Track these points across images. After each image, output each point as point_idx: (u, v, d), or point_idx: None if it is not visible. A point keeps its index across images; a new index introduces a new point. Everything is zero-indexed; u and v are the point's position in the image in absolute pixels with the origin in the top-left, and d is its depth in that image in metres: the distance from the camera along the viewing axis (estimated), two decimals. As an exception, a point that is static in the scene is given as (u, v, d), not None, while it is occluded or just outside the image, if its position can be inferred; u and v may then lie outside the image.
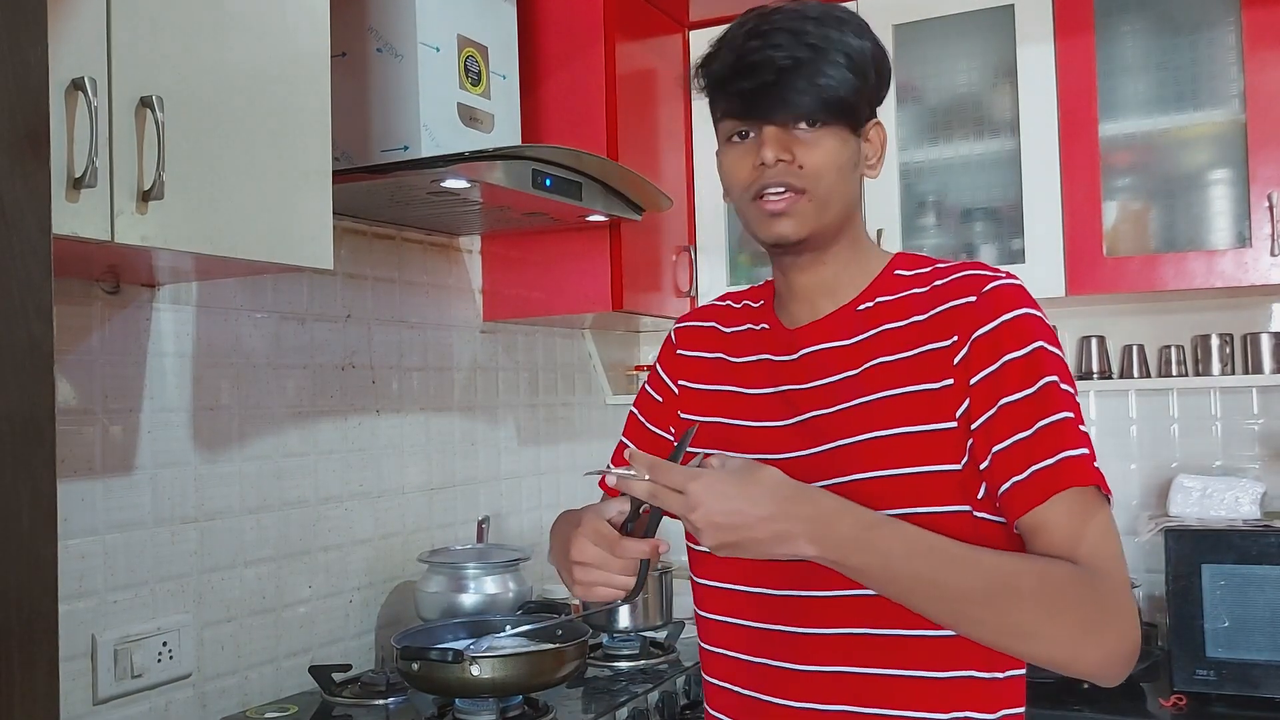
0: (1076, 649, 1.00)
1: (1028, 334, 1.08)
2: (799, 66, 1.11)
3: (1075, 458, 1.04)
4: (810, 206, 1.14)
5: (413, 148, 1.80)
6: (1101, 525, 1.04)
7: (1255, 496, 2.19)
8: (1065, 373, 1.09)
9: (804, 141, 1.12)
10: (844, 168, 1.14)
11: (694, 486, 1.00)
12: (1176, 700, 1.97)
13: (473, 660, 1.66)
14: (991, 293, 1.11)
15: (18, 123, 0.75)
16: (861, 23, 1.17)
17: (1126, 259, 2.22)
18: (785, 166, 1.13)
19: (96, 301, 1.59)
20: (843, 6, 1.18)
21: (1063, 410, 1.05)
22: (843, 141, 1.14)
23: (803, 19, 1.13)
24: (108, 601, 1.59)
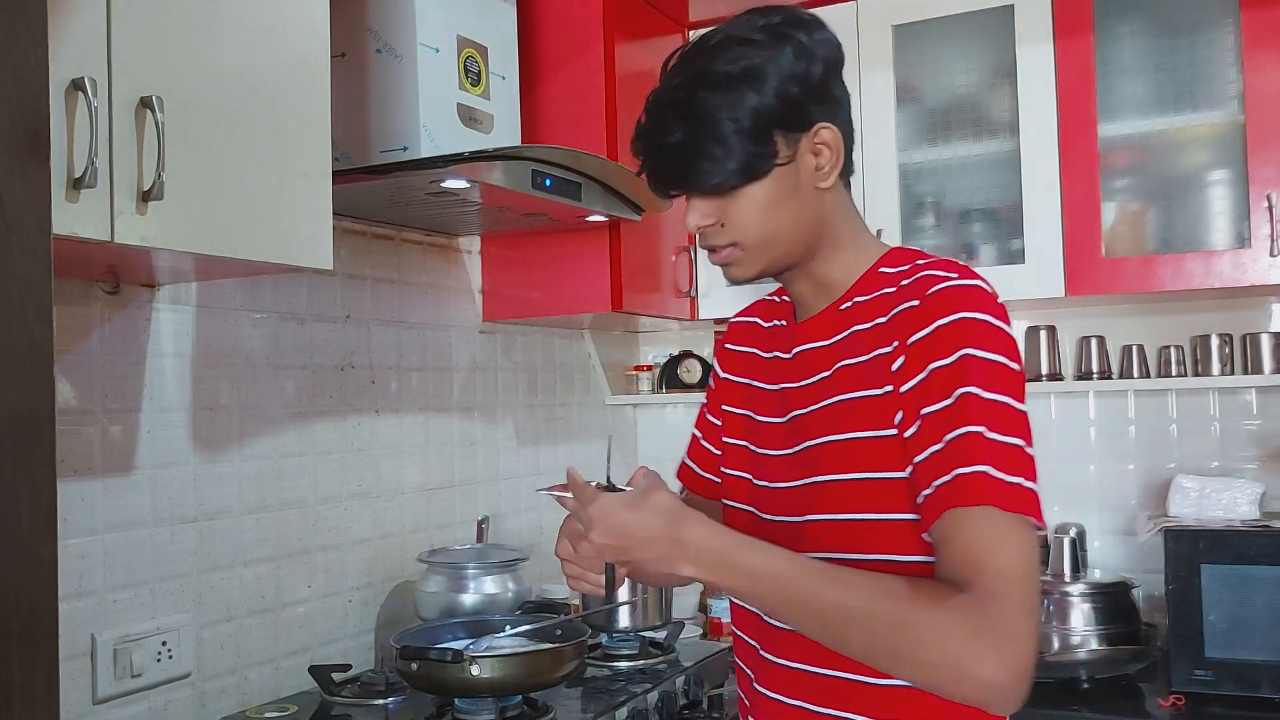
0: (948, 676, 0.96)
1: (957, 340, 1.04)
2: (682, 148, 1.11)
3: (973, 474, 0.99)
4: (748, 254, 1.15)
5: (412, 148, 1.80)
6: (995, 544, 0.98)
7: (1254, 497, 2.19)
8: (996, 380, 1.02)
9: (722, 200, 1.13)
10: (773, 206, 1.12)
11: (591, 510, 1.07)
12: (1175, 700, 1.97)
13: (472, 660, 1.66)
14: (934, 295, 1.07)
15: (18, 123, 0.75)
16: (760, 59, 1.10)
17: (1125, 259, 2.23)
18: (707, 230, 1.15)
19: (96, 302, 1.60)
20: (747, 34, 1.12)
21: (974, 423, 1.00)
22: (759, 186, 1.12)
23: (691, 84, 1.11)
24: (107, 601, 1.59)
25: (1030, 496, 0.99)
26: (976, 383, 1.01)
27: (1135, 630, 2.22)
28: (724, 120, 1.09)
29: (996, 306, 1.07)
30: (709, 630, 2.56)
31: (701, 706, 1.98)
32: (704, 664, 2.11)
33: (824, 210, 1.16)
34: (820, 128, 1.13)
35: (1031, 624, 0.96)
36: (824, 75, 1.13)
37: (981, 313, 1.05)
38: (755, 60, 1.10)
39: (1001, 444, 1.00)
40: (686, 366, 2.88)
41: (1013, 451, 1.00)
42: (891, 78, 2.42)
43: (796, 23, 1.13)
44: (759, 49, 1.10)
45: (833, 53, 1.15)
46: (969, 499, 0.98)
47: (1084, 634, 2.17)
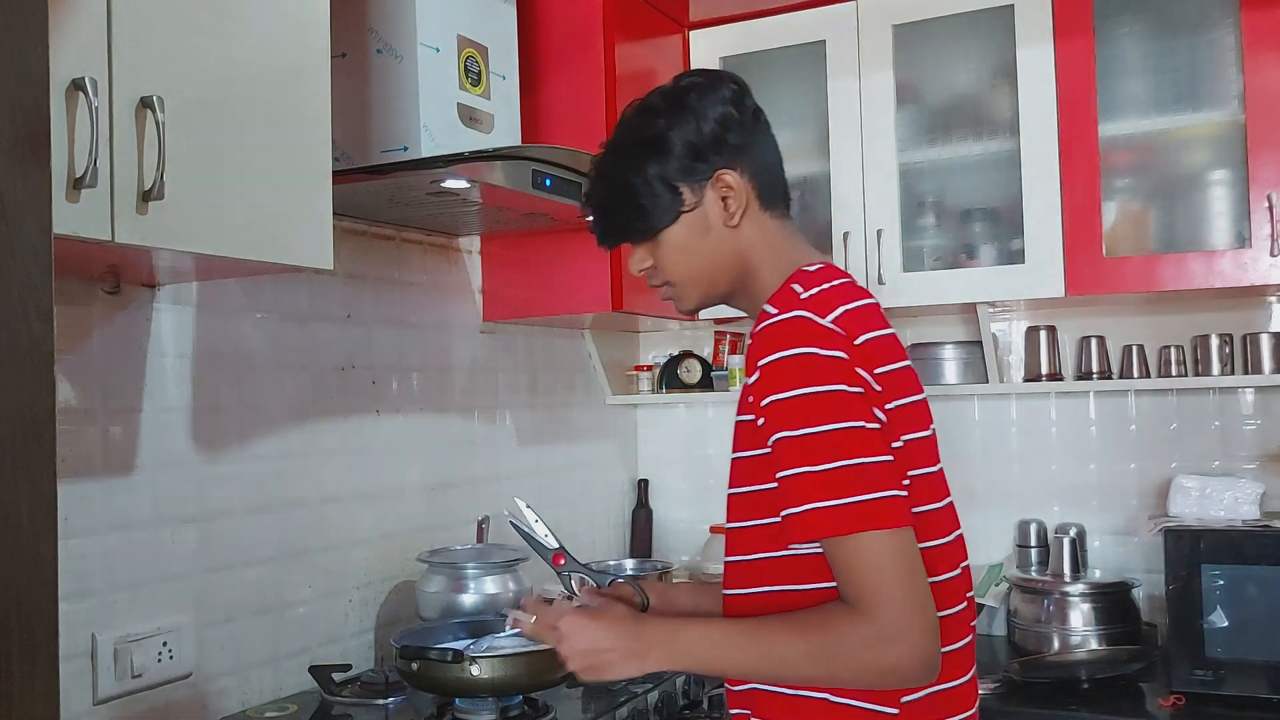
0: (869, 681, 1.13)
1: (766, 387, 1.15)
2: (601, 211, 1.34)
3: (803, 514, 1.11)
4: (679, 290, 1.34)
5: (413, 148, 1.80)
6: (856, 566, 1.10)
7: (1254, 497, 2.19)
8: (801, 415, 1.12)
9: (649, 245, 1.32)
10: (689, 247, 1.30)
11: (563, 623, 1.25)
12: (1175, 700, 1.97)
13: (472, 660, 1.66)
14: (758, 336, 1.19)
15: (18, 123, 0.76)
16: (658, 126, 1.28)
17: (1126, 259, 2.22)
18: (648, 270, 1.35)
19: (97, 302, 1.60)
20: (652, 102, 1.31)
21: (792, 465, 1.12)
22: (675, 231, 1.29)
23: (607, 152, 1.33)
24: (108, 601, 1.59)
25: (869, 508, 1.10)
26: (785, 426, 1.13)
27: (1135, 630, 2.22)
28: (634, 184, 1.28)
29: (812, 333, 1.15)
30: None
31: (702, 706, 1.98)
32: (704, 664, 2.11)
33: (739, 245, 1.30)
34: (721, 174, 1.28)
35: (919, 619, 1.10)
36: (717, 130, 1.28)
37: (793, 347, 1.15)
38: (655, 129, 1.29)
39: (822, 474, 1.11)
40: (686, 366, 2.88)
41: (840, 474, 1.11)
42: (891, 78, 2.42)
43: (691, 87, 1.31)
44: (658, 116, 1.29)
45: (726, 110, 1.30)
46: (809, 535, 1.12)
47: (1084, 634, 2.17)
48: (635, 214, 1.30)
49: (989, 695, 2.03)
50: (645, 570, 2.24)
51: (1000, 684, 2.07)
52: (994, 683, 2.06)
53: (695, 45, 2.62)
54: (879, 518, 1.10)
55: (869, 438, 1.12)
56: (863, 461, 1.11)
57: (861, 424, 1.12)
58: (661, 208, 1.28)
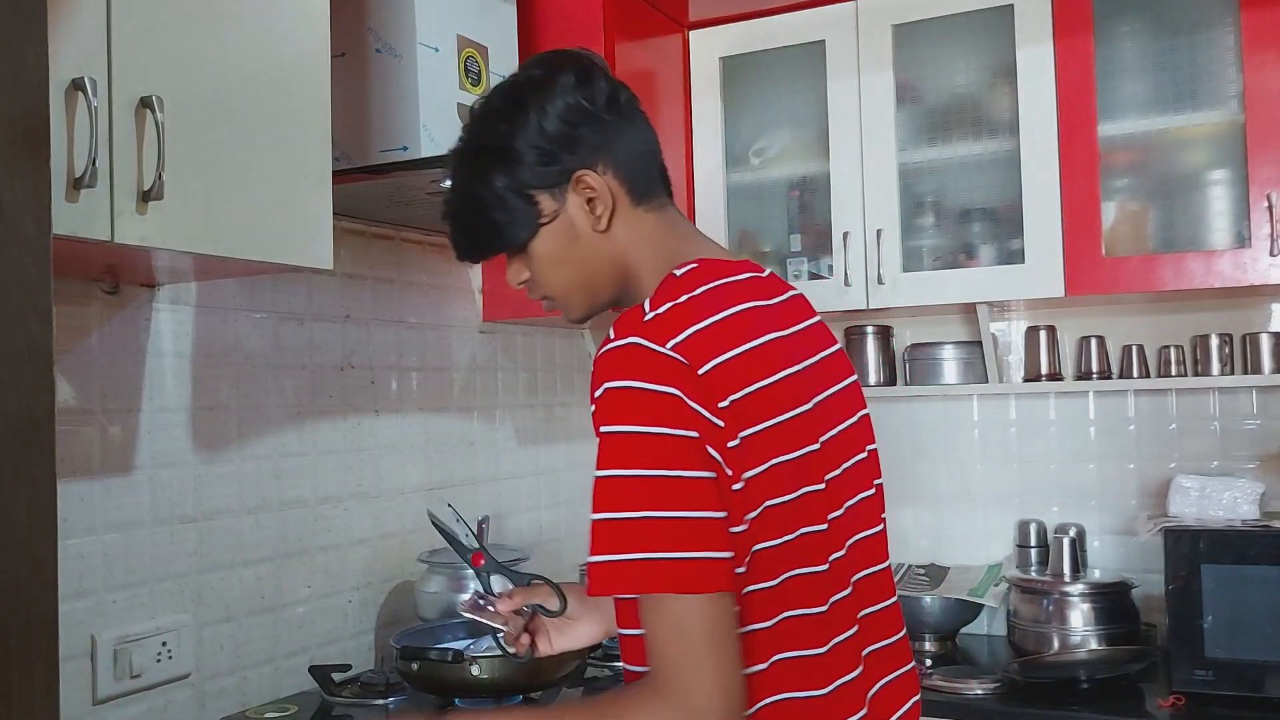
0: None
1: (598, 419, 1.01)
2: (455, 221, 1.22)
3: (604, 565, 0.97)
4: (561, 302, 1.23)
5: (412, 148, 1.80)
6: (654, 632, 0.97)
7: (1254, 496, 2.19)
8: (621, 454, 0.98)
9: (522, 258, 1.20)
10: (559, 257, 1.18)
11: None
12: (1175, 700, 1.97)
13: (472, 660, 1.66)
14: (596, 363, 1.05)
15: (17, 123, 0.75)
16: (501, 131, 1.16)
17: (1125, 259, 2.22)
18: (527, 284, 1.23)
19: (96, 301, 1.60)
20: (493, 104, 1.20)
21: (597, 509, 0.98)
22: (540, 243, 1.18)
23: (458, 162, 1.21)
24: (107, 601, 1.59)
25: (670, 569, 0.95)
26: (603, 464, 0.99)
27: (1135, 630, 2.22)
28: (484, 196, 1.16)
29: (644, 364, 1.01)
30: None
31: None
32: (704, 664, 2.11)
33: (615, 248, 1.18)
34: (580, 175, 1.16)
35: (719, 695, 0.95)
36: (564, 128, 1.15)
37: (615, 379, 1.01)
38: (497, 134, 1.16)
39: (625, 522, 0.97)
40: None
41: (640, 526, 0.96)
42: (891, 78, 2.41)
43: (529, 82, 1.18)
44: (499, 120, 1.17)
45: (571, 102, 1.16)
46: (604, 588, 0.98)
47: (1084, 634, 2.17)
48: (489, 228, 1.17)
49: (989, 695, 2.03)
50: None
51: (1000, 684, 2.07)
52: (994, 683, 2.06)
53: (695, 45, 2.62)
54: (688, 580, 0.95)
55: (692, 489, 0.97)
56: (679, 515, 0.96)
57: (684, 473, 0.97)
58: (518, 219, 1.16)
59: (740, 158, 2.59)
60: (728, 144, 2.59)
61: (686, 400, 0.99)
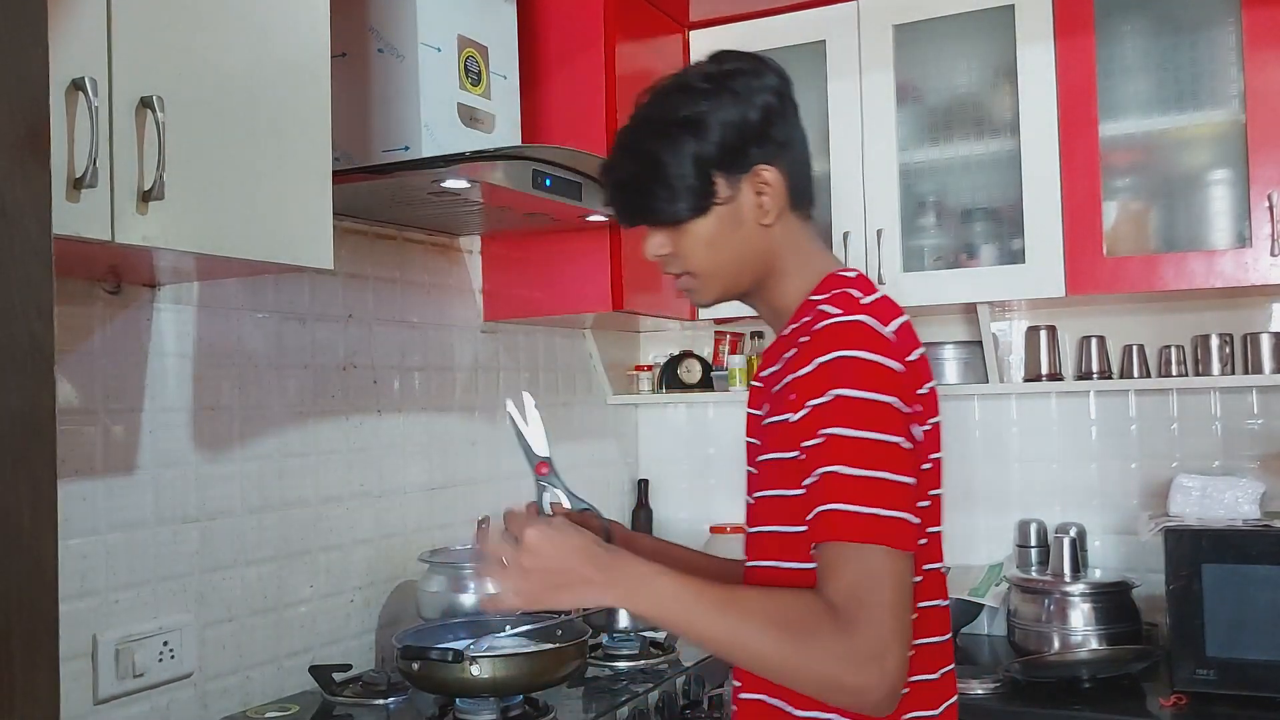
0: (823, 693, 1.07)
1: (830, 379, 1.09)
2: (625, 186, 1.26)
3: (829, 513, 1.06)
4: (699, 282, 1.27)
5: (413, 148, 1.80)
6: (856, 577, 1.04)
7: (1255, 496, 2.19)
8: (860, 417, 1.08)
9: (673, 232, 1.24)
10: (716, 241, 1.23)
11: (529, 533, 1.15)
12: (1176, 700, 1.97)
13: (473, 660, 1.66)
14: (817, 333, 1.13)
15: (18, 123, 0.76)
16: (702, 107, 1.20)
17: (1126, 259, 2.22)
18: (666, 257, 1.27)
19: (97, 301, 1.60)
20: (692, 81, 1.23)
21: (834, 463, 1.07)
22: (703, 222, 1.22)
23: (641, 128, 1.25)
24: (109, 601, 1.59)
25: (890, 526, 1.05)
26: (841, 422, 1.08)
27: (1136, 630, 2.22)
28: (667, 163, 1.20)
29: (875, 341, 1.11)
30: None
31: (702, 706, 1.98)
32: (705, 664, 2.11)
33: (769, 244, 1.25)
34: (760, 169, 1.22)
35: (895, 649, 1.03)
36: (761, 121, 1.22)
37: (856, 349, 1.10)
38: (697, 109, 1.21)
39: (862, 479, 1.06)
40: (687, 366, 2.88)
41: (876, 485, 1.06)
42: (892, 78, 2.41)
43: (739, 71, 1.23)
44: (701, 98, 1.21)
45: (771, 100, 1.23)
46: (825, 534, 1.07)
47: (1085, 633, 2.17)
48: (663, 195, 1.21)
49: (990, 695, 2.03)
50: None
51: (1001, 684, 2.07)
52: (995, 682, 2.06)
53: (695, 45, 2.62)
54: (894, 537, 1.05)
55: (904, 457, 1.09)
56: (895, 479, 1.07)
57: (901, 440, 1.09)
58: (693, 194, 1.21)
59: (741, 157, 2.59)
60: (729, 144, 2.59)
61: (905, 378, 1.12)
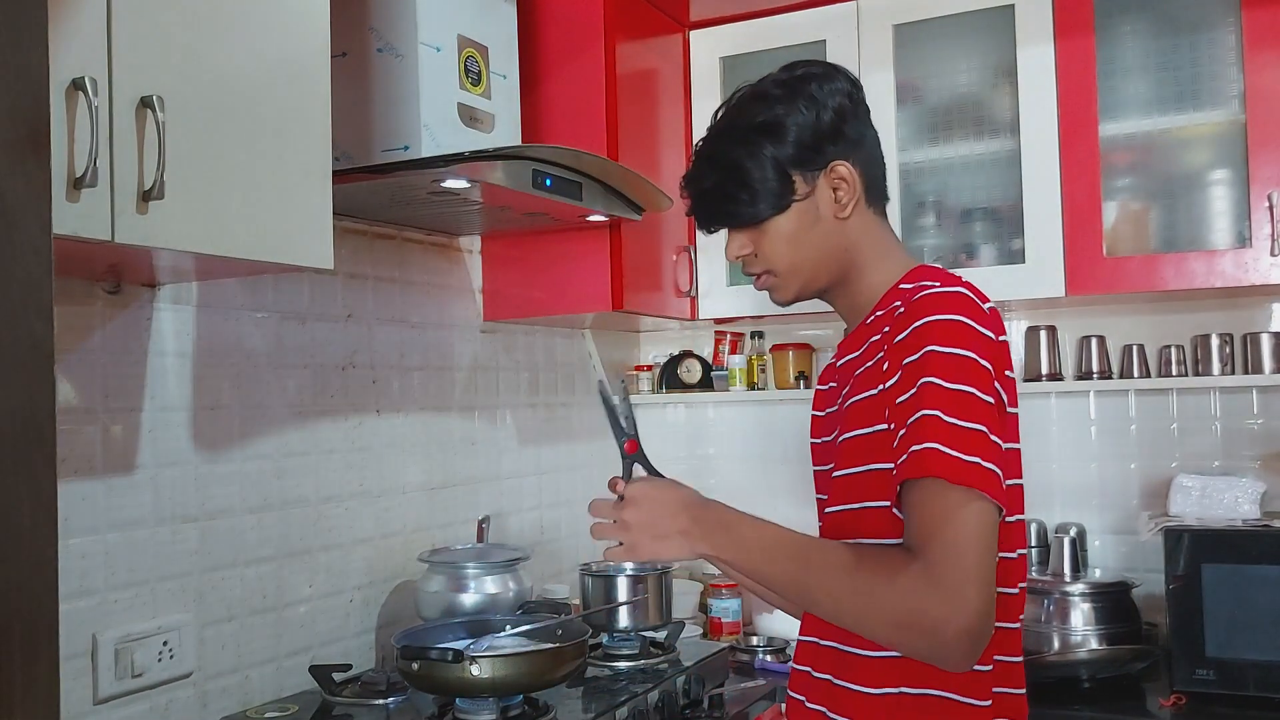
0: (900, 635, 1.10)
1: (924, 338, 1.14)
2: (708, 193, 1.32)
3: (923, 450, 1.09)
4: (780, 280, 1.33)
5: (413, 148, 1.80)
6: (945, 515, 1.08)
7: (1255, 496, 2.19)
8: (957, 372, 1.12)
9: (754, 232, 1.31)
10: (796, 237, 1.29)
11: (631, 488, 1.26)
12: (1176, 699, 1.97)
13: (473, 660, 1.66)
14: (914, 302, 1.18)
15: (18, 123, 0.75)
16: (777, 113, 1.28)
17: (1126, 259, 2.22)
18: (746, 258, 1.34)
19: (97, 301, 1.60)
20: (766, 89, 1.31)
21: (930, 408, 1.10)
22: (783, 219, 1.29)
23: (720, 137, 1.32)
24: (108, 600, 1.59)
25: (983, 473, 1.08)
26: (936, 374, 1.12)
27: (1136, 630, 2.22)
28: (747, 168, 1.28)
29: (973, 309, 1.16)
30: (709, 630, 2.56)
31: (702, 706, 1.98)
32: (704, 663, 2.11)
33: (848, 237, 1.31)
34: (836, 165, 1.29)
35: (979, 588, 1.06)
36: (835, 120, 1.29)
37: (953, 314, 1.15)
38: (773, 114, 1.29)
39: (956, 426, 1.09)
40: (686, 366, 2.88)
41: (969, 434, 1.09)
42: (892, 77, 2.41)
43: (810, 76, 1.31)
44: (776, 103, 1.29)
45: (843, 101, 1.31)
46: (918, 471, 1.09)
47: (1084, 633, 2.17)
48: (745, 198, 1.29)
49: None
50: (645, 571, 2.24)
51: (1001, 684, 2.06)
52: (994, 682, 2.06)
53: (695, 45, 2.62)
54: (987, 485, 1.08)
55: (995, 416, 1.12)
56: (987, 433, 1.10)
57: (992, 400, 1.13)
58: (773, 194, 1.28)
59: (741, 157, 2.59)
60: (729, 144, 2.59)
61: (1000, 354, 1.16)
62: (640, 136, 2.38)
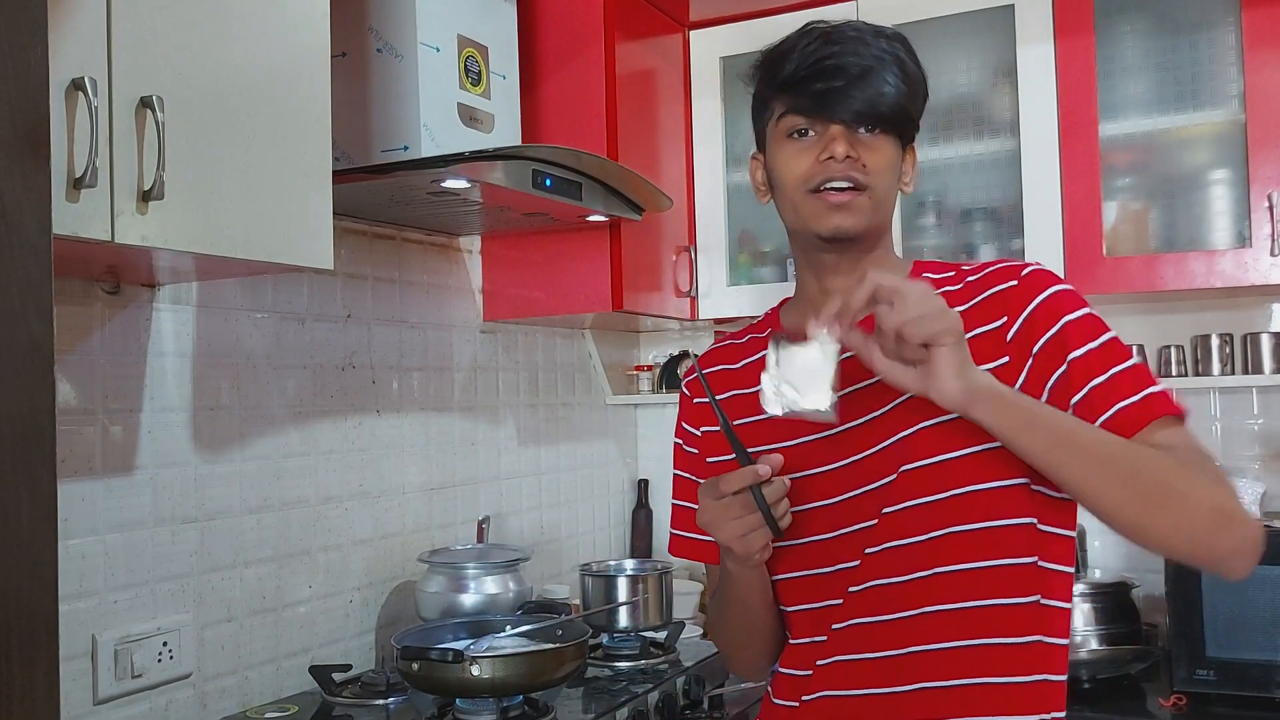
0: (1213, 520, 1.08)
1: (1077, 301, 1.20)
2: (869, 73, 1.21)
3: (1158, 394, 1.14)
4: (868, 203, 1.23)
5: (413, 148, 1.80)
6: (1195, 445, 1.13)
7: (1255, 496, 2.19)
8: (1102, 327, 1.20)
9: (865, 143, 1.22)
10: (894, 172, 1.26)
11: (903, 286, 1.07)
12: (1176, 700, 1.97)
13: (473, 660, 1.66)
14: (1030, 275, 1.22)
15: (18, 123, 0.75)
16: (911, 49, 1.27)
17: (1126, 259, 2.22)
18: (851, 163, 1.21)
19: (97, 301, 1.60)
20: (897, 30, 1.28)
21: (1126, 359, 1.17)
22: (896, 149, 1.25)
23: (871, 34, 1.24)
24: (108, 601, 1.59)
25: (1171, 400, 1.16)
26: (1088, 338, 1.17)
27: (1136, 630, 2.22)
28: (903, 71, 1.23)
29: None
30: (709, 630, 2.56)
31: (702, 706, 1.98)
32: (705, 664, 2.11)
33: (892, 208, 1.29)
34: (913, 146, 1.30)
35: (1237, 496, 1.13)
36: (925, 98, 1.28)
37: (1064, 284, 1.23)
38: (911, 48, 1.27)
39: (1137, 367, 1.17)
40: (686, 366, 2.88)
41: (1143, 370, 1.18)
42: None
43: None
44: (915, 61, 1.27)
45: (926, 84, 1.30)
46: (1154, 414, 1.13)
47: (1084, 634, 2.16)
48: (915, 110, 1.26)
49: (989, 695, 2.03)
50: (645, 571, 2.24)
51: (1001, 684, 2.06)
52: (994, 683, 2.06)
53: (695, 45, 2.62)
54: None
55: None
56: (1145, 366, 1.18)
57: None
58: (913, 123, 1.27)
59: (740, 158, 2.59)
60: (728, 144, 2.59)
61: None
62: (640, 136, 2.38)
